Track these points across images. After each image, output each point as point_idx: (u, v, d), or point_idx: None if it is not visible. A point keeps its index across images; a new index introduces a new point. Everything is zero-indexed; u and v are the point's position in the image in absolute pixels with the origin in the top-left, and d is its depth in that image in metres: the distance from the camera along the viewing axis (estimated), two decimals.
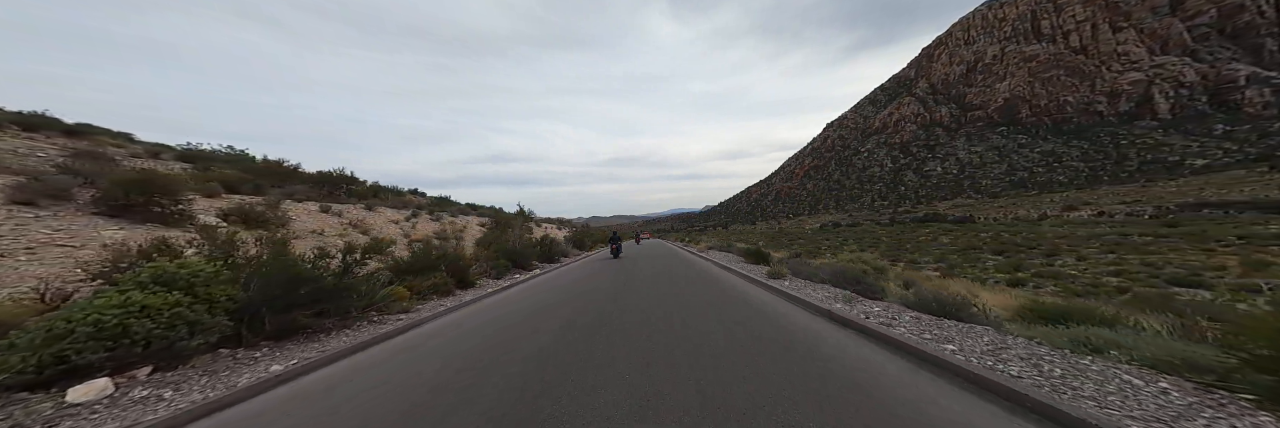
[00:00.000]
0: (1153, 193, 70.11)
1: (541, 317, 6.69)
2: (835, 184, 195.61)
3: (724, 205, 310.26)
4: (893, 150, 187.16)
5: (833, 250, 35.61)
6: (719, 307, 6.75)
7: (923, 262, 29.47)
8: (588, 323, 5.99)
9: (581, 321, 6.14)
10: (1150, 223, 42.88)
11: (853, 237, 59.72)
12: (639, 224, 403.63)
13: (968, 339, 4.22)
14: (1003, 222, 60.77)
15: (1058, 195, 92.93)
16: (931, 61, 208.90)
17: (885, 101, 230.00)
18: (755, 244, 21.29)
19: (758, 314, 6.07)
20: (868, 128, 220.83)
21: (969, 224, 61.01)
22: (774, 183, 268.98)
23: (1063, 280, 19.70)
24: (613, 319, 6.12)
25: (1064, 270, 22.89)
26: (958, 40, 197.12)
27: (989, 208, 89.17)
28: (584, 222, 78.51)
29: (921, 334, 4.42)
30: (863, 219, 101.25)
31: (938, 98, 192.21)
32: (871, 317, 5.26)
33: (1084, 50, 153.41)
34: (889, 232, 63.24)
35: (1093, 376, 3.18)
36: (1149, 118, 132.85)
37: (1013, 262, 26.76)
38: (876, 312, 5.59)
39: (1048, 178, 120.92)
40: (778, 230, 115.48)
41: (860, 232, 70.19)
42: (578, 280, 12.08)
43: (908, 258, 31.84)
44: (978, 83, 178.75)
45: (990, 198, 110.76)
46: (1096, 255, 27.29)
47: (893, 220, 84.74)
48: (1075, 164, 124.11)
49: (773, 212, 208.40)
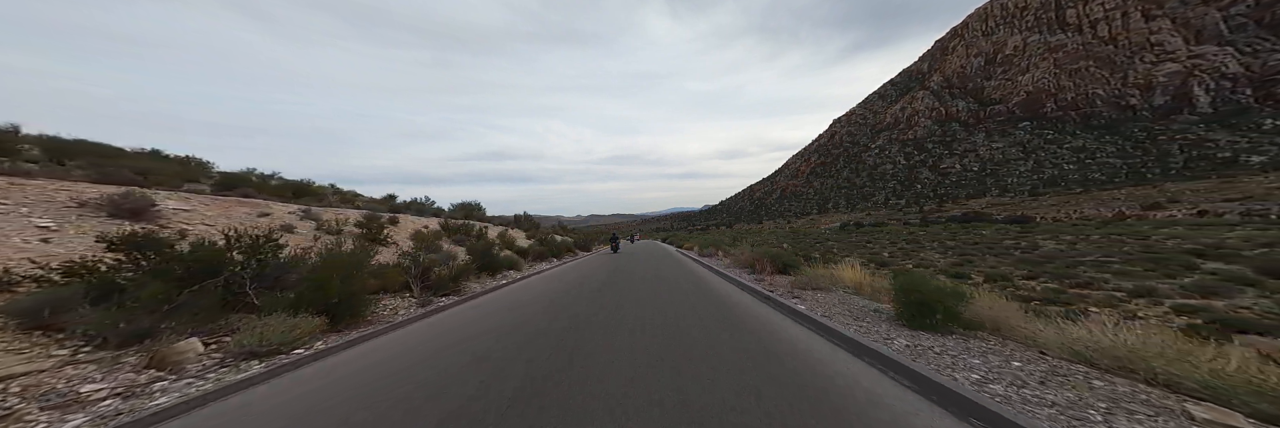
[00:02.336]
0: (1242, 188, 60.54)
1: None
2: (845, 182, 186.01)
3: (725, 204, 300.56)
4: (906, 147, 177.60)
5: (898, 259, 26.02)
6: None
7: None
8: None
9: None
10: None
11: (888, 239, 50.23)
12: (637, 223, 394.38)
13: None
14: (1070, 223, 51.26)
15: (1110, 193, 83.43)
16: (946, 54, 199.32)
17: (896, 96, 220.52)
18: (785, 249, 11.71)
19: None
20: (878, 124, 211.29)
21: (1027, 225, 51.38)
22: (778, 181, 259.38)
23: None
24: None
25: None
26: (975, 31, 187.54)
27: (1037, 207, 79.63)
28: (583, 219, 68.92)
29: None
30: (886, 218, 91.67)
31: (953, 92, 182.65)
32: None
33: (1114, 40, 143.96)
34: (930, 233, 53.73)
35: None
36: (1187, 111, 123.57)
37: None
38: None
39: (1082, 175, 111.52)
40: (790, 231, 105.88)
41: (892, 233, 60.66)
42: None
43: (1085, 282, 22.05)
44: (997, 76, 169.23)
45: (1029, 196, 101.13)
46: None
47: (925, 220, 75.17)
48: (1110, 161, 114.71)
49: (778, 210, 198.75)
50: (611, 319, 5.72)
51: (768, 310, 6.33)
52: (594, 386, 3.33)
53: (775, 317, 5.84)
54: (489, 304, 7.67)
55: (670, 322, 5.48)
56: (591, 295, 8.12)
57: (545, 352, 4.29)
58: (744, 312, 6.19)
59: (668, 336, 4.79)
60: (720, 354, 4.07)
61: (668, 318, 5.72)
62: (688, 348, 4.31)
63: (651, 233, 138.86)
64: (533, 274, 13.65)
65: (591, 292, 8.71)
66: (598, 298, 7.91)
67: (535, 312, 6.55)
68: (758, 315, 5.91)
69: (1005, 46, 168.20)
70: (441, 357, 4.26)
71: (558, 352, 4.27)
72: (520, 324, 5.59)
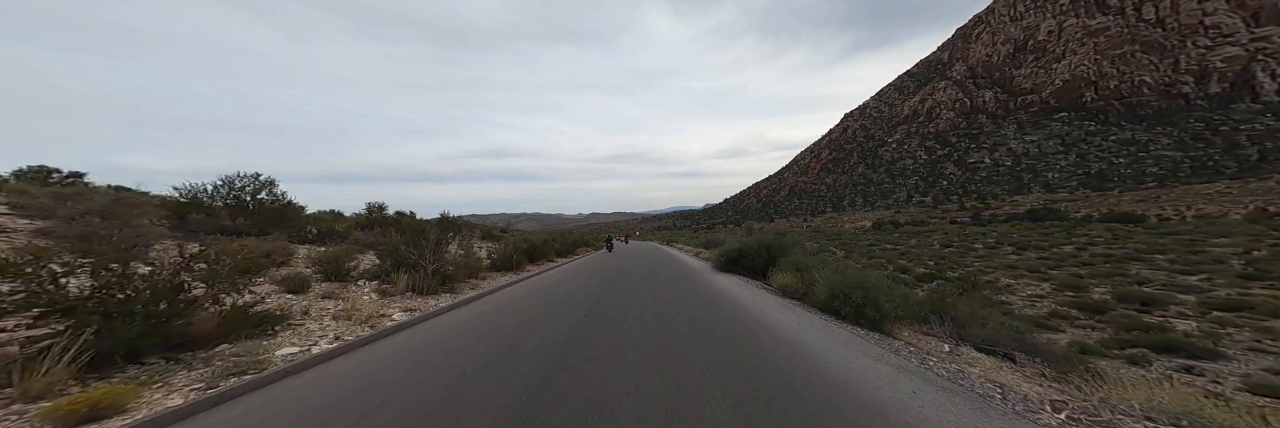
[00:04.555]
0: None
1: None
2: (860, 178, 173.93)
3: (730, 202, 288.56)
4: (927, 140, 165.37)
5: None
6: None
7: None
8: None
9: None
10: None
11: (962, 243, 38.56)
12: (637, 222, 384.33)
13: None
14: (1182, 221, 39.55)
15: (1209, 188, 71.48)
16: (970, 42, 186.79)
17: (913, 88, 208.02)
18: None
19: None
20: (895, 117, 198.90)
21: (1138, 225, 39.58)
22: (786, 177, 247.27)
23: None
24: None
25: None
26: (1001, 17, 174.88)
27: (1115, 203, 67.73)
28: (584, 217, 57.56)
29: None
30: (923, 217, 79.80)
31: (979, 82, 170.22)
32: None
33: (1161, 23, 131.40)
34: (1018, 237, 42.09)
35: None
36: (1249, 100, 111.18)
37: None
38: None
39: (1136, 170, 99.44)
40: (811, 230, 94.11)
41: (956, 235, 49.06)
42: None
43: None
44: (1028, 64, 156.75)
45: (1094, 192, 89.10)
46: None
47: (977, 218, 63.32)
48: (1167, 154, 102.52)
49: (789, 209, 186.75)
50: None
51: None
52: None
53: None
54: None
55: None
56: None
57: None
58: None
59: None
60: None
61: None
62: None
63: (653, 232, 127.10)
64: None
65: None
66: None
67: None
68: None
69: (1037, 32, 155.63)
70: None
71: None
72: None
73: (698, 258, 20.96)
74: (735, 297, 8.31)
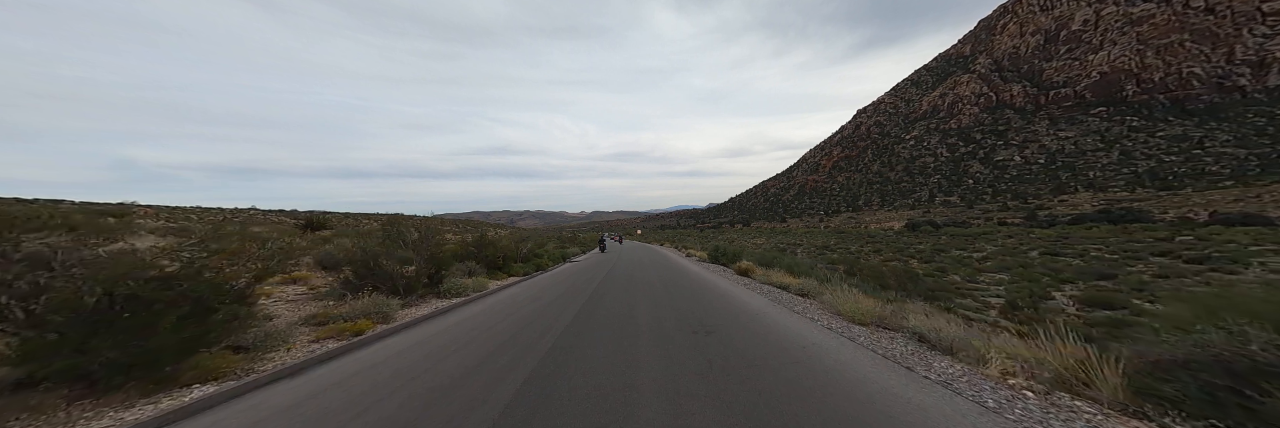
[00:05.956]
0: None
1: None
2: (876, 176, 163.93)
3: (735, 201, 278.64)
4: (948, 137, 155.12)
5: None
6: None
7: None
8: None
9: None
10: None
11: (1053, 250, 28.96)
12: (640, 220, 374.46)
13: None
14: None
15: None
16: (994, 34, 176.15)
17: (933, 83, 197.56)
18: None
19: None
20: (913, 112, 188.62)
21: (1268, 229, 29.92)
22: (795, 176, 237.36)
23: None
24: None
25: None
26: (1030, 6, 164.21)
27: (1190, 204, 57.91)
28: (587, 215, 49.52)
29: None
30: (963, 217, 70.04)
31: (1005, 75, 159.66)
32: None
33: (1212, 10, 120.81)
34: (1098, 237, 32.65)
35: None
36: None
37: None
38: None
39: (1193, 168, 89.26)
40: (831, 231, 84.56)
41: (1017, 236, 39.61)
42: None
43: None
44: (1061, 55, 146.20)
45: (1163, 190, 79.14)
46: None
47: (1036, 220, 53.62)
48: (1228, 151, 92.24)
49: (801, 208, 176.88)
50: None
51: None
52: None
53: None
54: None
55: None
56: None
57: None
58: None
59: None
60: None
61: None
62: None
63: (654, 231, 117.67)
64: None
65: None
66: None
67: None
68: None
69: (1071, 21, 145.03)
70: None
71: None
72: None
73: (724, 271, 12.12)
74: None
